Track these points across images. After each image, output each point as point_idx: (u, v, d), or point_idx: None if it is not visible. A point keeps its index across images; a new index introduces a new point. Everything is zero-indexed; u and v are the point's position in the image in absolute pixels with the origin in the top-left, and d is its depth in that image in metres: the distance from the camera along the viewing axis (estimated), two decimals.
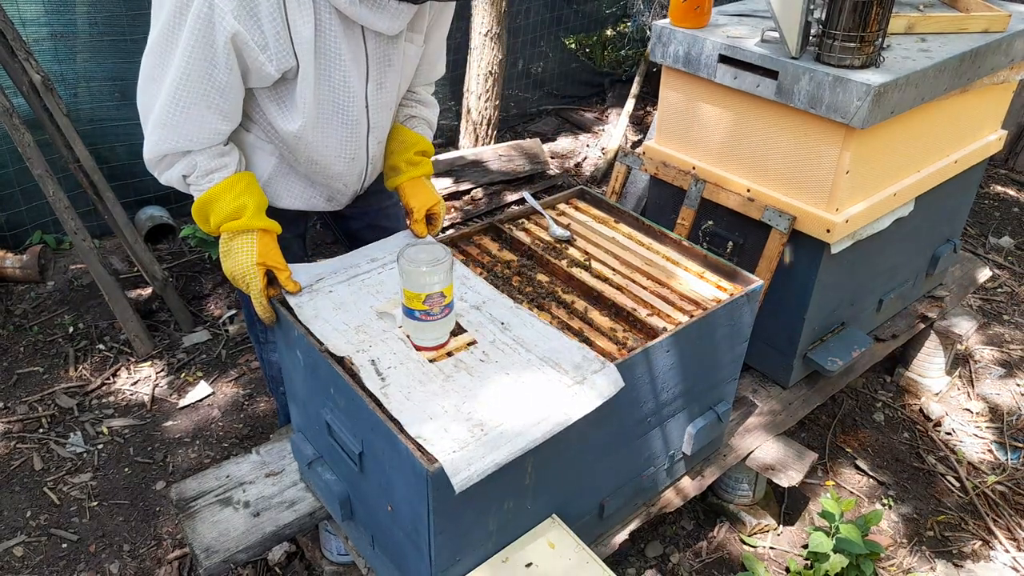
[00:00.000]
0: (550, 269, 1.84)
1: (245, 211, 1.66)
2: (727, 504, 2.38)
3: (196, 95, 1.51)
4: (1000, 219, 4.23)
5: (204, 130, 1.57)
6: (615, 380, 1.48)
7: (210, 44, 1.45)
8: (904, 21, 2.12)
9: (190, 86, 1.50)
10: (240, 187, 1.66)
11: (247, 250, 1.67)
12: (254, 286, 1.67)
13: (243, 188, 1.66)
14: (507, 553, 1.54)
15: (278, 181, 1.81)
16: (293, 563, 2.22)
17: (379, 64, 1.65)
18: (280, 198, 1.84)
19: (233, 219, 1.65)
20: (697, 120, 2.21)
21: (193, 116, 1.54)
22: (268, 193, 1.81)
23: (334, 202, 1.92)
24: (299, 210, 1.91)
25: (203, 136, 1.58)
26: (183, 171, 1.62)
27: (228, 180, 1.65)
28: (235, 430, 2.73)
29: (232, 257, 1.67)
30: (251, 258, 1.66)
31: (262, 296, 1.66)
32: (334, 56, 1.57)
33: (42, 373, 2.94)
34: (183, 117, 1.53)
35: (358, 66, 1.61)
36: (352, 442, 1.50)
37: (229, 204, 1.64)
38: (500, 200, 4.14)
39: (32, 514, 2.41)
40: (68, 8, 3.29)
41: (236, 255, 1.67)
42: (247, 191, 1.67)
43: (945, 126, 2.23)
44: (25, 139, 2.80)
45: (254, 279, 1.66)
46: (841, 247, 2.07)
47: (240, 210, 1.66)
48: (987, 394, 2.97)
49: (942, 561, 2.32)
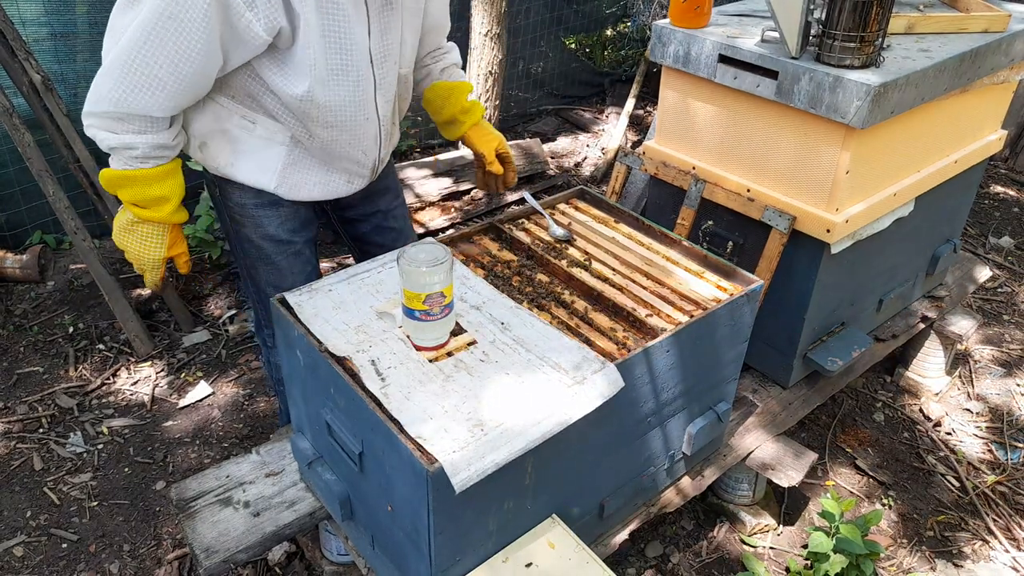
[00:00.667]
0: (550, 269, 1.84)
1: (167, 205, 1.65)
2: (727, 504, 2.38)
3: (159, 54, 1.43)
4: (1000, 219, 4.23)
5: (155, 99, 1.49)
6: (615, 380, 1.48)
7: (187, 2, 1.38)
8: (904, 21, 2.12)
9: (155, 42, 1.42)
10: (170, 178, 1.64)
11: (156, 242, 1.70)
12: (153, 275, 1.74)
13: (173, 179, 1.65)
14: (507, 553, 1.54)
15: (294, 171, 1.76)
16: (293, 563, 2.22)
17: (379, 11, 1.61)
18: (299, 189, 1.79)
19: (150, 207, 1.64)
20: (697, 120, 2.21)
21: (148, 79, 1.46)
22: (284, 188, 1.77)
23: (354, 181, 1.86)
24: (316, 201, 1.87)
25: (151, 104, 1.49)
26: (117, 144, 1.55)
27: (161, 168, 1.62)
28: (235, 430, 2.73)
29: (138, 241, 1.69)
30: (160, 251, 1.71)
31: (160, 281, 1.76)
32: (334, 6, 1.52)
33: (42, 373, 2.94)
34: (137, 77, 1.46)
35: (359, 13, 1.57)
36: (352, 442, 1.50)
37: (152, 192, 1.62)
38: (500, 200, 4.14)
39: (32, 514, 2.41)
40: (68, 8, 3.29)
41: (144, 242, 1.69)
42: (175, 182, 1.66)
43: (945, 126, 2.23)
44: (25, 139, 2.80)
45: (155, 270, 1.73)
46: (841, 247, 2.07)
47: (161, 202, 1.64)
48: (987, 394, 2.97)
49: (942, 561, 2.32)
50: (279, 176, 1.75)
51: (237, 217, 1.84)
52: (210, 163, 1.74)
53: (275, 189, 1.77)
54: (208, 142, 1.71)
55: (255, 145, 1.71)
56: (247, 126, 1.69)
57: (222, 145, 1.71)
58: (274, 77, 1.58)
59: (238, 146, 1.71)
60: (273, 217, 1.84)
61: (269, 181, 1.75)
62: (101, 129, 1.55)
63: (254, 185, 1.76)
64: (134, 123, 1.54)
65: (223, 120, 1.68)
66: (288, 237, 1.88)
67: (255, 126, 1.69)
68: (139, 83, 1.48)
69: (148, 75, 1.47)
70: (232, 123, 1.68)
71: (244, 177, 1.74)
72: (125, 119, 1.53)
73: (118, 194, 1.62)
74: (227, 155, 1.72)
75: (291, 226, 1.87)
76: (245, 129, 1.69)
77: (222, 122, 1.68)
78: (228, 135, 1.70)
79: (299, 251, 1.92)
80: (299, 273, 1.93)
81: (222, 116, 1.68)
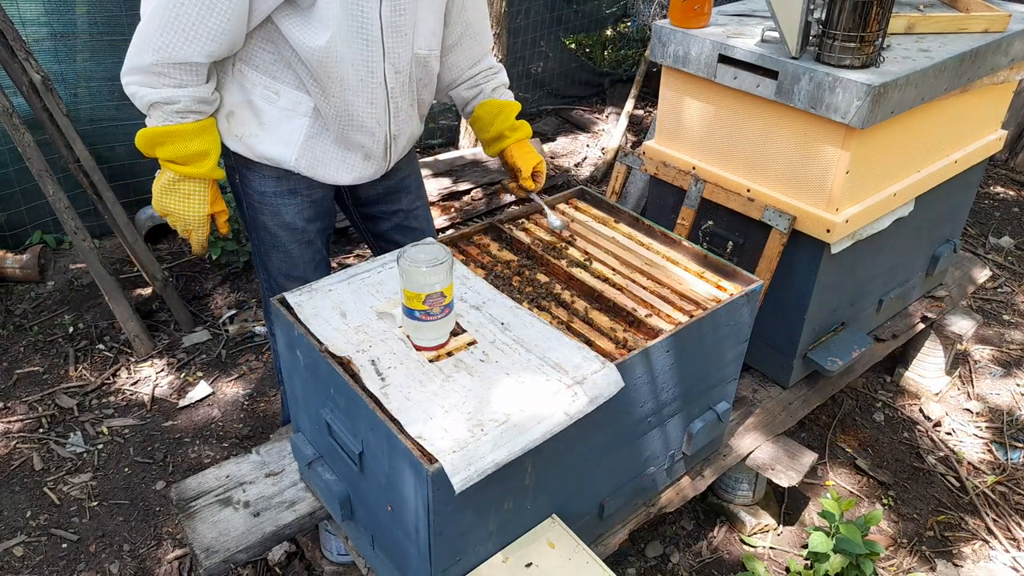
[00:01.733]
0: (550, 269, 1.84)
1: (207, 160, 1.69)
2: (727, 504, 2.38)
3: (190, 5, 1.49)
4: (1000, 219, 4.23)
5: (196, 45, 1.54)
6: (615, 380, 1.48)
7: None
8: (904, 21, 2.12)
9: None
10: (209, 133, 1.68)
11: (199, 199, 1.73)
12: (199, 233, 1.76)
13: (211, 134, 1.69)
14: (507, 553, 1.54)
15: (313, 144, 1.78)
16: (293, 563, 2.22)
17: None
18: (316, 165, 1.81)
19: (191, 163, 1.66)
20: (697, 120, 2.21)
21: (188, 25, 1.51)
22: (305, 162, 1.80)
23: (370, 161, 1.87)
24: (338, 189, 1.93)
25: (193, 50, 1.54)
26: (159, 99, 1.59)
27: (200, 123, 1.66)
28: (235, 430, 2.73)
29: (182, 200, 1.71)
30: (204, 208, 1.74)
31: (205, 241, 1.78)
32: None
33: (42, 373, 2.94)
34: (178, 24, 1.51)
35: None
36: (352, 442, 1.50)
37: (193, 147, 1.65)
38: (500, 200, 4.14)
39: (32, 514, 2.41)
40: (68, 8, 3.29)
41: (188, 200, 1.72)
42: (213, 138, 1.70)
43: (945, 126, 2.23)
44: (25, 139, 2.80)
45: (201, 227, 1.77)
46: (841, 247, 2.07)
47: (203, 156, 1.68)
48: (987, 394, 2.97)
49: (942, 561, 2.32)
50: (300, 149, 1.77)
51: (256, 204, 1.88)
52: (235, 132, 1.77)
53: (295, 163, 1.79)
54: (235, 111, 1.75)
55: (278, 117, 1.74)
56: (270, 97, 1.73)
57: (247, 116, 1.75)
58: (295, 30, 1.61)
59: (262, 117, 1.75)
60: (291, 205, 1.88)
61: (290, 154, 1.78)
62: (142, 85, 1.59)
63: (274, 156, 1.78)
64: (175, 75, 1.57)
65: (247, 91, 1.72)
66: (303, 225, 1.92)
67: (278, 97, 1.73)
68: (180, 29, 1.53)
69: (188, 21, 1.52)
70: (256, 94, 1.72)
71: (266, 149, 1.77)
72: (166, 72, 1.56)
73: (156, 152, 1.66)
74: (252, 126, 1.76)
75: (307, 215, 1.91)
76: (268, 100, 1.73)
77: (247, 92, 1.73)
78: (253, 106, 1.74)
79: (311, 240, 1.96)
80: (310, 262, 1.98)
81: (246, 87, 1.72)
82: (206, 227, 1.77)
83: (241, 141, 1.77)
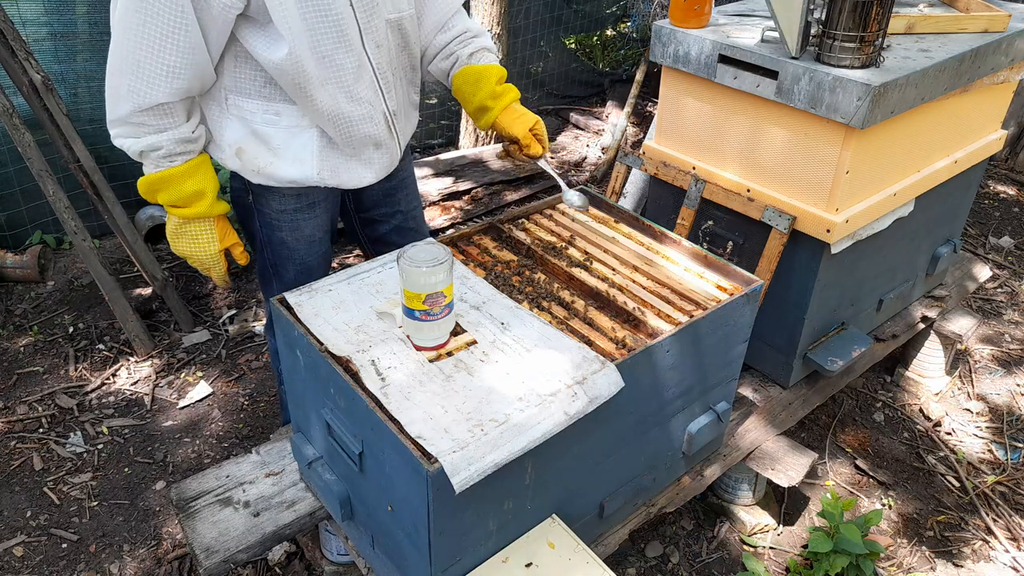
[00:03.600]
0: (550, 269, 1.84)
1: (205, 198, 1.67)
2: (727, 504, 2.38)
3: (144, 43, 1.47)
4: (1000, 219, 4.23)
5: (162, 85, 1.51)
6: (615, 380, 1.48)
7: None
8: (904, 21, 2.12)
9: (135, 34, 1.46)
10: (201, 172, 1.66)
11: (208, 238, 1.73)
12: (217, 270, 1.76)
13: (203, 173, 1.67)
14: (507, 553, 1.54)
15: (329, 153, 1.74)
16: (293, 563, 2.22)
17: None
18: (338, 171, 1.77)
19: (190, 205, 1.66)
20: (697, 120, 2.21)
21: (147, 68, 1.49)
22: (327, 172, 1.75)
23: (382, 149, 1.80)
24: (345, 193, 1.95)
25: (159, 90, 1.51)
26: (143, 147, 1.58)
27: (189, 163, 1.64)
28: (235, 430, 2.73)
29: (191, 242, 1.72)
30: (213, 245, 1.74)
31: (226, 275, 1.79)
32: None
33: (42, 373, 2.94)
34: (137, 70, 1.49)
35: None
36: (352, 442, 1.50)
37: (187, 188, 1.64)
38: (500, 200, 4.14)
39: (32, 514, 2.41)
40: (68, 8, 3.29)
41: (197, 241, 1.72)
42: (207, 176, 1.67)
43: (945, 126, 2.23)
44: (25, 139, 2.81)
45: (217, 264, 1.76)
46: (841, 247, 2.07)
47: (199, 196, 1.66)
48: (987, 394, 2.97)
49: (942, 561, 2.32)
50: (318, 162, 1.73)
51: (274, 222, 1.85)
52: (250, 167, 1.73)
53: (319, 176, 1.75)
54: (243, 147, 1.71)
55: (285, 137, 1.71)
56: (272, 120, 1.69)
57: (256, 147, 1.71)
58: (259, 48, 1.56)
59: (271, 143, 1.71)
60: (311, 219, 1.87)
61: (311, 171, 1.74)
62: (126, 136, 1.58)
63: (297, 177, 1.74)
64: (151, 122, 1.56)
65: (248, 122, 1.69)
66: (320, 236, 1.93)
67: (279, 118, 1.69)
68: (141, 73, 1.51)
69: (146, 64, 1.50)
70: (257, 121, 1.69)
71: (286, 173, 1.73)
72: (142, 121, 1.55)
73: (157, 199, 1.66)
74: (265, 155, 1.72)
75: (325, 226, 1.93)
76: (271, 124, 1.69)
77: (248, 123, 1.69)
78: (258, 135, 1.70)
79: (326, 248, 1.98)
80: (325, 268, 2.01)
81: (246, 117, 1.69)
82: (222, 263, 1.77)
83: (260, 173, 1.74)
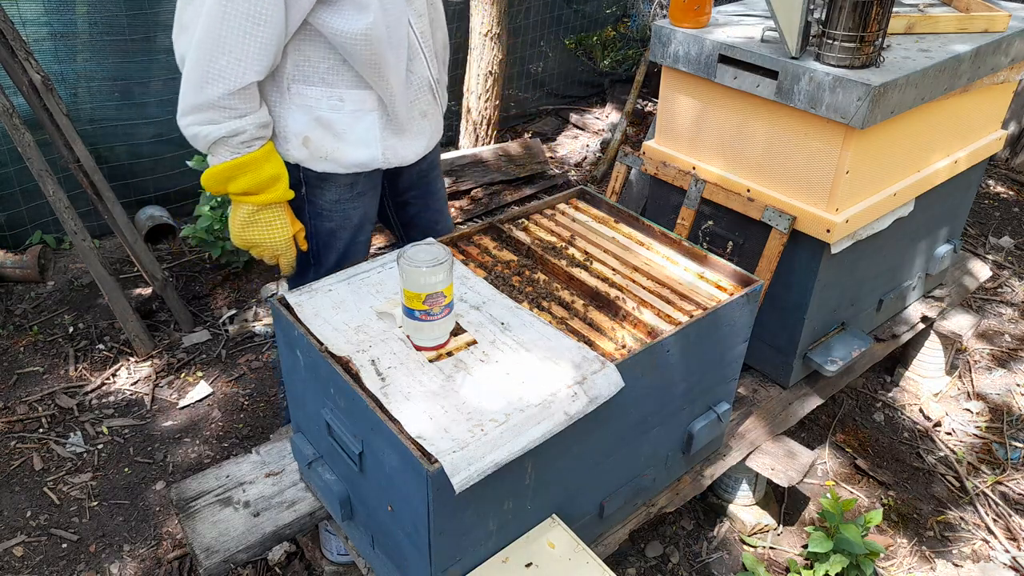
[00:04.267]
0: (550, 269, 1.84)
1: (281, 182, 1.71)
2: (727, 504, 2.38)
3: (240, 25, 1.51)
4: (1000, 219, 4.23)
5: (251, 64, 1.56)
6: (615, 380, 1.48)
7: None
8: (904, 21, 2.12)
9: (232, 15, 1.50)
10: (275, 157, 1.71)
11: (281, 223, 1.75)
12: (288, 256, 1.79)
13: (277, 158, 1.72)
14: (507, 553, 1.54)
15: (389, 134, 1.82)
16: (293, 563, 2.22)
17: None
18: (397, 149, 1.85)
19: (266, 190, 1.68)
20: (697, 120, 2.21)
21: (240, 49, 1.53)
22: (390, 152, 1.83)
23: (428, 119, 1.90)
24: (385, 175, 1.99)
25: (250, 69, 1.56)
26: (224, 133, 1.60)
27: (265, 148, 1.68)
28: (235, 430, 2.73)
29: (264, 229, 1.73)
30: (287, 231, 1.77)
31: (293, 262, 1.82)
32: None
33: (42, 373, 2.94)
34: (232, 50, 1.53)
35: None
36: (352, 442, 1.50)
37: (265, 172, 1.67)
38: (500, 200, 4.14)
39: (32, 514, 2.41)
40: (68, 8, 3.29)
41: (271, 228, 1.74)
42: (279, 161, 1.72)
43: (945, 126, 2.23)
44: (25, 139, 2.81)
45: (289, 250, 1.79)
46: (841, 247, 2.07)
47: (276, 180, 1.70)
48: (987, 393, 2.97)
49: (942, 561, 2.32)
50: (381, 143, 1.81)
51: (325, 213, 1.89)
52: (318, 154, 1.78)
53: (383, 156, 1.82)
54: (309, 135, 1.76)
55: (350, 122, 1.76)
56: (336, 105, 1.74)
57: (322, 134, 1.76)
58: (338, 22, 1.61)
59: (335, 128, 1.76)
60: (359, 208, 1.92)
61: (376, 152, 1.81)
62: (204, 124, 1.60)
63: (363, 160, 1.81)
64: (236, 106, 1.59)
65: (313, 109, 1.74)
66: (366, 224, 1.99)
67: (343, 103, 1.74)
68: (232, 52, 1.54)
69: (237, 42, 1.53)
70: (322, 108, 1.74)
71: (352, 157, 1.79)
72: (228, 104, 1.58)
73: (229, 188, 1.67)
74: (331, 141, 1.77)
75: (371, 214, 1.99)
76: (335, 110, 1.75)
77: (313, 111, 1.74)
78: (322, 122, 1.75)
79: (367, 238, 2.03)
80: (365, 255, 2.04)
81: (310, 105, 1.74)
82: (293, 249, 1.81)
83: (328, 160, 1.79)
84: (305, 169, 1.81)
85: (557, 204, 2.12)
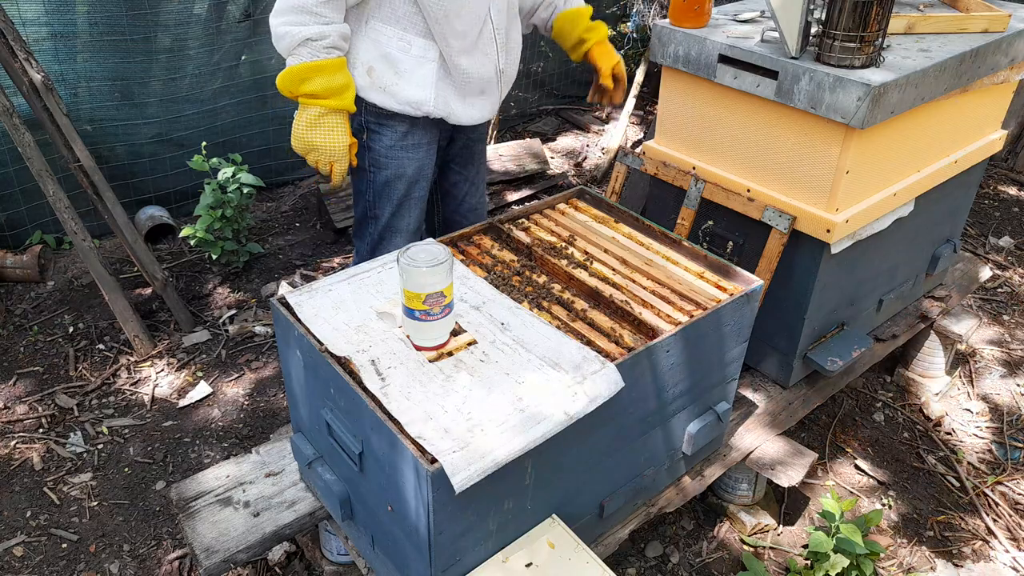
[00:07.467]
0: (550, 269, 1.84)
1: (349, 90, 1.87)
2: (727, 504, 2.38)
3: None
4: (1000, 219, 4.23)
5: None
6: (615, 380, 1.48)
7: None
8: (904, 21, 2.12)
9: None
10: (346, 69, 1.87)
11: (342, 130, 1.90)
12: (342, 165, 1.93)
13: (347, 71, 1.88)
14: (507, 553, 1.54)
15: (443, 86, 1.98)
16: (293, 563, 2.22)
17: None
18: (451, 104, 2.02)
19: (336, 95, 1.84)
20: (697, 120, 2.21)
21: None
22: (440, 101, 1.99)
23: (485, 97, 2.09)
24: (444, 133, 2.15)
25: None
26: (310, 35, 1.77)
27: (342, 58, 1.86)
28: (235, 430, 2.73)
29: (327, 133, 1.88)
30: (346, 138, 1.91)
31: (346, 171, 1.95)
32: None
33: (42, 373, 2.94)
34: None
35: None
36: (352, 442, 1.50)
37: (338, 80, 1.84)
38: (500, 200, 4.14)
39: (32, 514, 2.41)
40: (68, 8, 3.29)
41: (332, 133, 1.89)
42: (349, 74, 1.89)
43: (945, 126, 2.23)
44: (25, 139, 2.81)
45: (344, 158, 1.92)
46: (841, 247, 2.07)
47: (344, 88, 1.86)
48: (987, 394, 2.97)
49: (942, 561, 2.32)
50: (434, 90, 1.97)
51: (382, 160, 2.06)
52: (378, 84, 1.96)
53: (433, 104, 1.99)
54: (374, 66, 1.95)
55: (412, 65, 1.95)
56: (404, 47, 1.93)
57: (385, 68, 1.95)
58: None
59: (399, 67, 1.95)
60: (414, 160, 2.08)
61: (428, 95, 1.98)
62: (293, 24, 1.77)
63: (416, 99, 1.97)
64: (325, 13, 1.78)
65: (383, 45, 1.93)
66: (422, 180, 2.13)
67: (411, 47, 1.93)
68: None
69: None
70: (392, 46, 1.93)
71: (408, 94, 1.97)
72: (318, 11, 1.77)
73: (302, 88, 1.82)
74: (391, 76, 1.96)
75: (426, 171, 2.13)
76: (403, 51, 1.94)
77: (381, 47, 1.93)
78: (389, 58, 1.94)
79: (423, 192, 2.16)
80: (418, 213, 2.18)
81: (381, 41, 1.93)
82: (347, 157, 1.94)
83: (385, 92, 1.96)
84: (365, 112, 1.99)
85: (557, 204, 2.12)
